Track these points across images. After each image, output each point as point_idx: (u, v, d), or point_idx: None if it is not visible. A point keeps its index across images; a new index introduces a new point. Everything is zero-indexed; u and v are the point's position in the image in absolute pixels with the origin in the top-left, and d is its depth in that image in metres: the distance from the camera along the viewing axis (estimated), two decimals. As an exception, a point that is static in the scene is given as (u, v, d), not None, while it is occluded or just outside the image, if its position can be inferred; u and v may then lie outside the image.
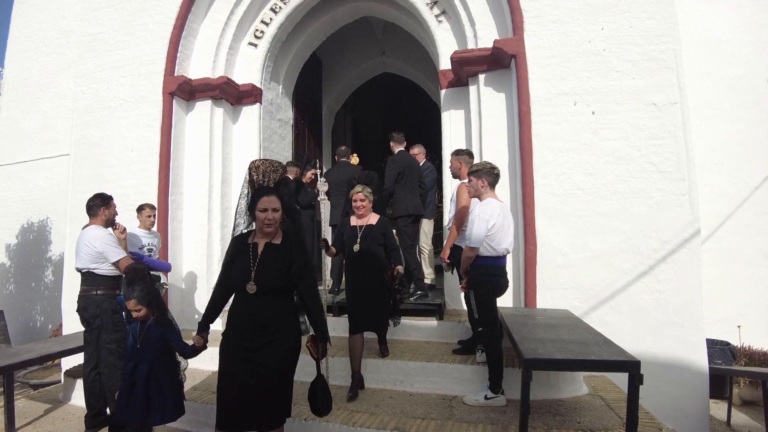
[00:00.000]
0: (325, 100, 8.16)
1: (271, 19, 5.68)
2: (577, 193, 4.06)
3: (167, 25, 5.34)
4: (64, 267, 5.51)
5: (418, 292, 4.74)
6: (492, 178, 3.26)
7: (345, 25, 6.48)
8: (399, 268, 3.57)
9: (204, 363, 3.85)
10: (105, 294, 3.42)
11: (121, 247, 3.65)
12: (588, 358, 2.51)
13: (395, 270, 3.54)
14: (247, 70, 5.72)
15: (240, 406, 2.23)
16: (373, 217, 3.63)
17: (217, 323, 2.59)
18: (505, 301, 3.95)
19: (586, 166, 4.06)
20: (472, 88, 4.70)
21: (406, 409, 3.25)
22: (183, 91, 5.32)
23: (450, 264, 3.93)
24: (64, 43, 8.01)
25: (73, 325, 4.70)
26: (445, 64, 4.89)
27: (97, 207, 3.58)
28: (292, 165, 5.84)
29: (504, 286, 3.32)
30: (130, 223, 4.40)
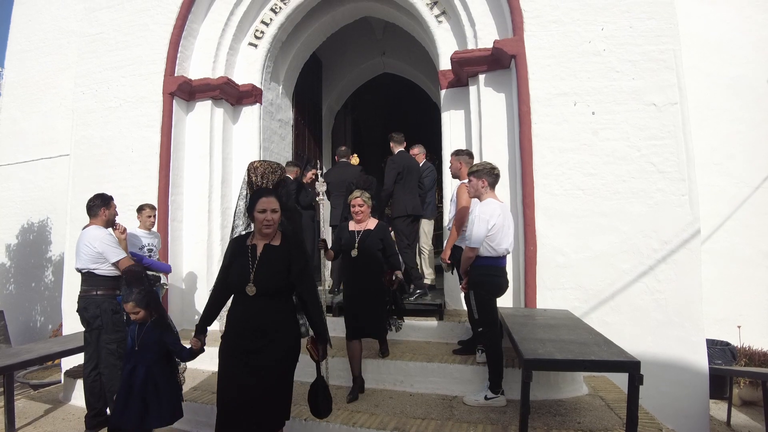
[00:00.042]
0: (325, 100, 8.17)
1: (271, 19, 5.68)
2: (577, 193, 4.06)
3: (167, 26, 5.35)
4: (64, 267, 5.52)
5: (417, 291, 4.74)
6: (492, 179, 3.27)
7: (345, 26, 6.49)
8: (398, 273, 3.55)
9: (204, 363, 3.85)
10: (105, 294, 3.42)
11: (122, 248, 3.65)
12: (588, 358, 2.52)
13: (394, 275, 3.52)
14: (247, 70, 5.72)
15: (240, 407, 2.23)
16: (372, 222, 3.61)
17: (214, 325, 2.58)
18: (505, 301, 3.95)
19: (586, 166, 4.06)
20: (472, 89, 4.71)
21: (406, 409, 3.25)
22: (183, 91, 5.33)
23: (450, 264, 3.93)
24: (65, 43, 8.01)
25: (73, 325, 4.70)
26: (445, 64, 4.89)
27: (97, 207, 3.59)
28: (293, 165, 5.84)
29: (504, 286, 3.32)
30: (131, 223, 4.40)
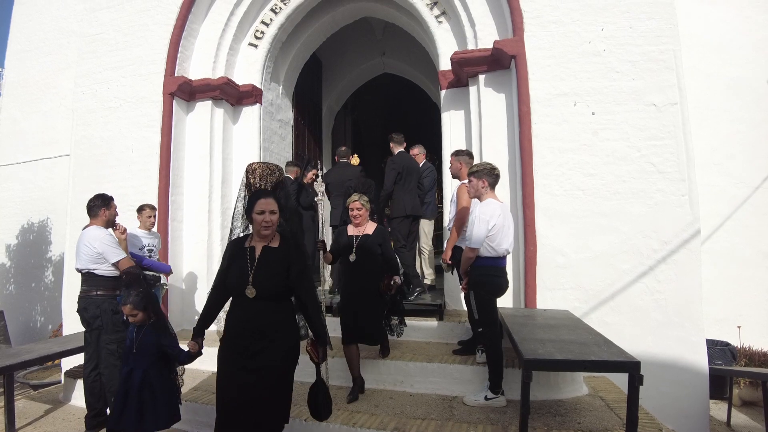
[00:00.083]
0: (325, 100, 8.17)
1: (271, 19, 5.69)
2: (577, 193, 4.06)
3: (168, 26, 5.35)
4: (64, 267, 5.52)
5: (417, 290, 4.75)
6: (492, 179, 3.27)
7: (345, 26, 6.49)
8: (396, 279, 3.52)
9: (204, 363, 3.84)
10: (105, 294, 3.42)
11: (122, 248, 3.65)
12: (588, 358, 2.51)
13: (392, 280, 3.49)
14: (248, 70, 5.72)
15: (240, 407, 2.22)
16: (370, 226, 3.57)
17: (212, 325, 2.57)
18: (505, 301, 3.95)
19: (586, 166, 4.06)
20: (472, 89, 4.71)
21: (406, 409, 3.25)
22: (183, 91, 5.33)
23: (450, 265, 3.93)
24: (65, 43, 8.01)
25: (73, 325, 4.70)
26: (445, 64, 4.90)
27: (97, 207, 3.59)
28: (293, 165, 5.84)
29: (504, 286, 3.32)
30: (131, 223, 4.40)
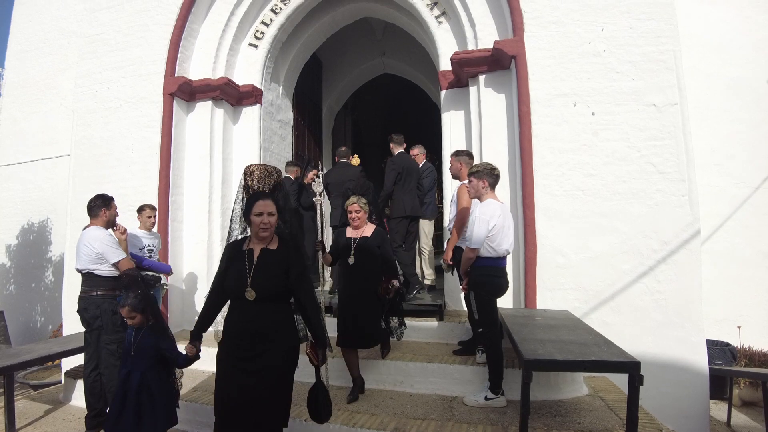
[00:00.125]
0: (326, 101, 8.17)
1: (271, 20, 5.69)
2: (577, 193, 4.06)
3: (168, 26, 5.35)
4: (64, 268, 5.52)
5: (416, 286, 4.75)
6: (492, 179, 3.27)
7: (345, 26, 6.49)
8: (394, 282, 3.49)
9: (204, 364, 3.82)
10: (105, 295, 3.42)
11: (122, 248, 3.65)
12: (588, 359, 2.52)
13: (390, 283, 3.47)
14: (248, 71, 5.72)
15: (239, 407, 2.21)
16: (369, 228, 3.55)
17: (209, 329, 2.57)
18: (506, 301, 3.95)
19: (586, 166, 4.06)
20: (472, 89, 4.71)
21: (406, 409, 3.25)
22: (183, 91, 5.33)
23: (450, 265, 3.93)
24: (65, 43, 8.02)
25: (73, 325, 4.70)
26: (445, 65, 4.90)
27: (98, 208, 3.59)
28: (293, 165, 5.85)
29: (504, 286, 3.32)
30: (131, 223, 4.40)
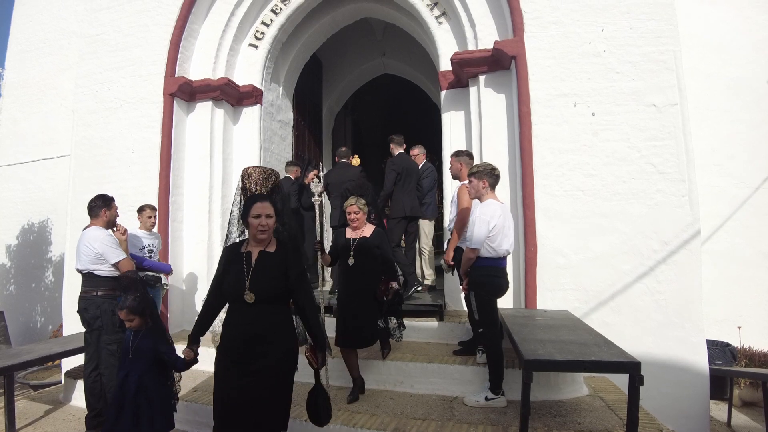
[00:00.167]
0: (326, 101, 8.17)
1: (271, 20, 5.69)
2: (578, 194, 4.06)
3: (168, 27, 5.35)
4: (64, 268, 5.52)
5: (415, 284, 4.77)
6: (493, 179, 3.27)
7: (345, 27, 6.49)
8: (393, 284, 3.47)
9: (204, 364, 3.82)
10: (105, 295, 3.43)
11: (122, 249, 3.65)
12: (588, 359, 2.52)
13: (389, 285, 3.45)
14: (248, 71, 5.72)
15: (239, 409, 2.20)
16: (368, 228, 3.54)
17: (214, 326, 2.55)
18: (506, 302, 3.95)
19: (586, 167, 4.06)
20: (473, 89, 4.71)
21: (406, 410, 3.25)
22: (183, 92, 5.33)
23: (451, 266, 3.93)
24: (65, 44, 8.02)
25: (73, 326, 4.70)
26: (445, 65, 4.90)
27: (98, 208, 3.59)
28: (293, 165, 5.85)
29: (504, 287, 3.32)
30: (131, 224, 4.40)
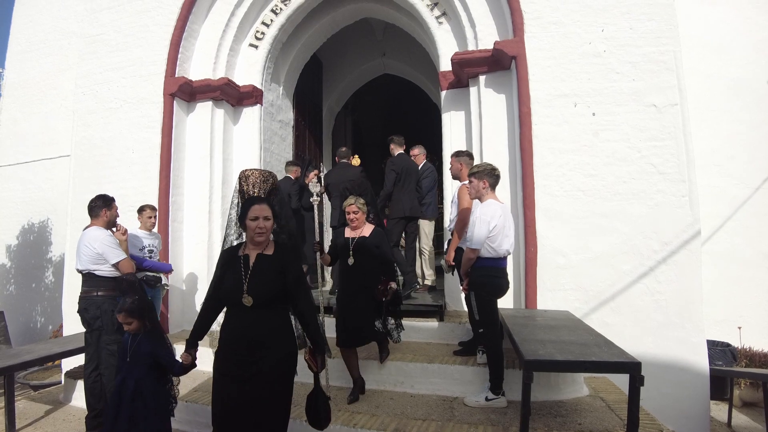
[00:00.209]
0: (326, 101, 8.17)
1: (271, 20, 5.69)
2: (578, 194, 4.06)
3: (168, 27, 5.35)
4: (64, 268, 5.52)
5: (412, 286, 4.77)
6: (493, 180, 3.27)
7: (345, 27, 6.49)
8: (392, 284, 3.46)
9: (205, 364, 3.83)
10: (106, 295, 3.43)
11: (122, 249, 3.65)
12: (589, 359, 2.51)
13: (388, 285, 3.43)
14: (248, 71, 5.73)
15: (237, 414, 2.18)
16: (367, 228, 3.53)
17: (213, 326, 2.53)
18: (506, 302, 3.95)
19: (586, 167, 4.07)
20: (473, 90, 4.71)
21: (406, 410, 3.25)
22: (184, 92, 5.33)
23: (452, 266, 3.93)
24: (65, 44, 8.02)
25: (73, 326, 4.70)
26: (445, 65, 4.90)
27: (98, 208, 3.59)
28: (293, 164, 5.85)
29: (505, 287, 3.32)
30: (131, 224, 4.40)
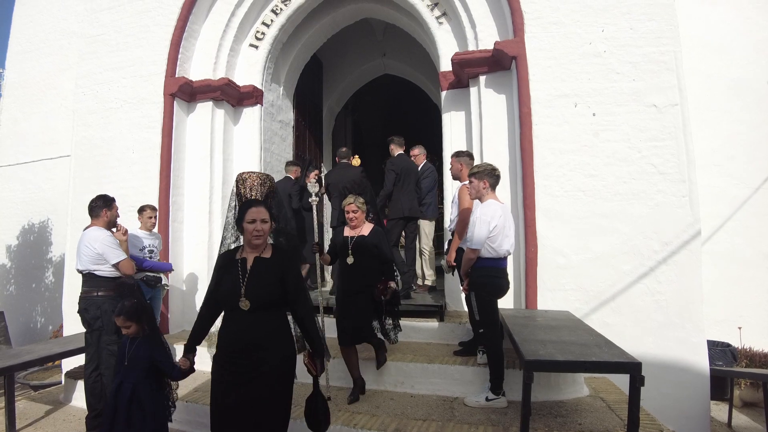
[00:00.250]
0: (326, 101, 8.17)
1: (272, 20, 5.69)
2: (578, 194, 4.06)
3: (168, 27, 5.36)
4: (64, 268, 5.52)
5: (410, 286, 4.81)
6: (493, 180, 3.27)
7: (345, 27, 6.49)
8: (391, 284, 3.46)
9: (205, 365, 3.85)
10: (106, 295, 3.43)
11: (122, 249, 3.65)
12: (589, 359, 2.51)
13: (387, 285, 3.44)
14: (248, 71, 5.73)
15: (237, 415, 2.17)
16: (366, 227, 3.53)
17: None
18: (506, 302, 3.95)
19: (586, 167, 4.07)
20: (473, 90, 4.71)
21: (406, 410, 3.25)
22: (184, 92, 5.33)
23: (452, 266, 3.93)
24: (65, 44, 8.02)
25: (73, 326, 4.70)
26: (445, 65, 4.90)
27: (99, 208, 3.59)
28: (293, 164, 5.85)
29: (505, 287, 3.32)
30: (131, 224, 4.40)
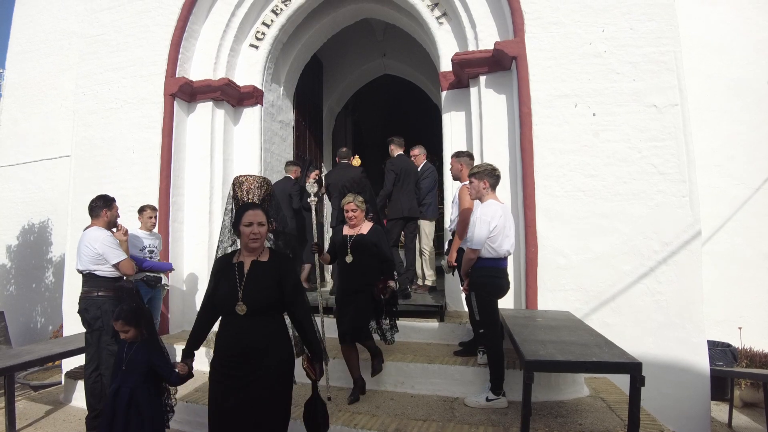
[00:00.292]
0: (326, 101, 8.17)
1: (272, 21, 5.69)
2: (578, 194, 4.06)
3: (168, 27, 5.36)
4: (64, 268, 5.52)
5: (408, 286, 4.82)
6: (493, 180, 3.27)
7: (346, 27, 6.49)
8: (391, 283, 3.44)
9: (204, 364, 3.85)
10: (106, 295, 3.43)
11: (122, 249, 3.65)
12: (589, 359, 2.51)
13: (387, 284, 3.42)
14: (248, 71, 5.73)
15: (235, 419, 2.17)
16: (366, 226, 3.52)
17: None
18: (507, 302, 3.95)
19: (586, 167, 4.07)
20: (473, 90, 4.71)
21: (407, 410, 3.25)
22: (184, 92, 5.33)
23: (453, 267, 3.93)
24: (65, 44, 8.03)
25: (73, 326, 4.70)
26: (445, 65, 4.90)
27: (99, 208, 3.60)
28: (293, 164, 5.85)
29: (505, 287, 3.32)
30: (132, 224, 4.40)
